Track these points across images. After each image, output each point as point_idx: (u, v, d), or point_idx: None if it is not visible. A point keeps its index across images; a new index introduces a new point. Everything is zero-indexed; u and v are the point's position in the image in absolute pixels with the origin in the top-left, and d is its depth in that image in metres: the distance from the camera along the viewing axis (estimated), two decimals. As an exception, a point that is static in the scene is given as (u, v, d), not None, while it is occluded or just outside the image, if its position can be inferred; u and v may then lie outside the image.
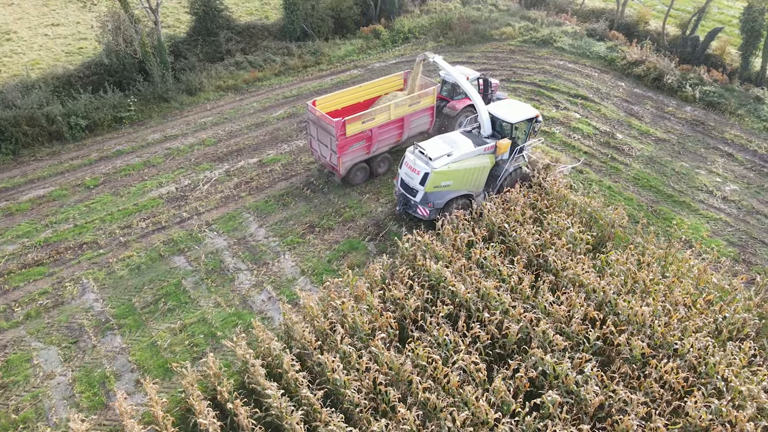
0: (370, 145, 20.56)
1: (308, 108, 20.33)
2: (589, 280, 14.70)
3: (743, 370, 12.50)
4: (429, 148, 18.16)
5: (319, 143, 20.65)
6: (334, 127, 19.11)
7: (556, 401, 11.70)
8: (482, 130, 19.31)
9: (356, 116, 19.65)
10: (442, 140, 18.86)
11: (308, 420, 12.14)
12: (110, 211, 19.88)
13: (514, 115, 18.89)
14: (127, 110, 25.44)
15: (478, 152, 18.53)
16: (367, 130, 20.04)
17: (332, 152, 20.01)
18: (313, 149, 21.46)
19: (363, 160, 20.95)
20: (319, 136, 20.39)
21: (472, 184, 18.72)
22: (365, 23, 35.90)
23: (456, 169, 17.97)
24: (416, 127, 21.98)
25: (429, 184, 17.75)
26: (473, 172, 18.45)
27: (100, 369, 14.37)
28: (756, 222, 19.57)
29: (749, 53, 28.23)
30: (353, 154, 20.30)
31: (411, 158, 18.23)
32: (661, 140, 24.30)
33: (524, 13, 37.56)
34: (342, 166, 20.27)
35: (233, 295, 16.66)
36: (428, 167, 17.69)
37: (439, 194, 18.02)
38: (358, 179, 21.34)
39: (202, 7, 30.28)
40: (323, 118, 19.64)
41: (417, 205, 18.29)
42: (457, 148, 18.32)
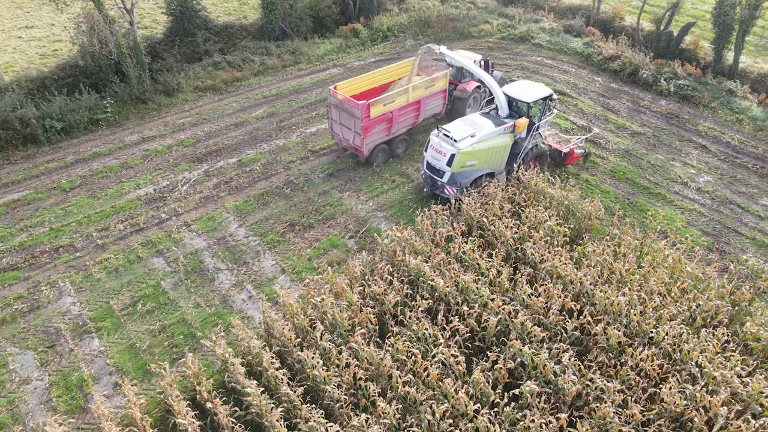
0: (390, 127, 21.71)
1: (330, 93, 21.33)
2: (566, 271, 14.87)
3: (717, 356, 12.73)
4: (453, 131, 19.05)
5: (341, 126, 21.64)
6: (359, 110, 20.13)
7: (534, 391, 11.82)
8: (500, 111, 20.12)
9: (379, 99, 20.90)
10: (463, 123, 19.71)
11: (288, 417, 12.13)
12: (87, 214, 19.65)
13: (530, 94, 19.67)
14: (104, 112, 25.14)
15: (499, 132, 19.38)
16: (388, 112, 21.16)
17: (356, 134, 21.11)
18: (335, 132, 22.42)
19: (384, 142, 22.06)
20: (342, 119, 21.39)
21: (495, 163, 19.65)
22: (344, 22, 35.90)
23: (480, 149, 18.83)
24: (431, 109, 23.19)
25: (456, 165, 18.63)
26: (496, 150, 19.32)
27: (77, 372, 14.20)
28: (729, 212, 19.94)
29: (721, 47, 28.74)
30: (376, 135, 21.40)
31: (436, 141, 19.07)
32: (637, 133, 24.65)
33: (502, 10, 37.84)
34: (365, 147, 21.34)
35: (213, 295, 16.58)
36: (454, 148, 18.54)
37: (466, 174, 18.94)
38: (380, 159, 22.43)
39: (179, 8, 30.02)
40: (347, 101, 20.67)
41: (444, 186, 19.14)
42: (480, 129, 19.19)
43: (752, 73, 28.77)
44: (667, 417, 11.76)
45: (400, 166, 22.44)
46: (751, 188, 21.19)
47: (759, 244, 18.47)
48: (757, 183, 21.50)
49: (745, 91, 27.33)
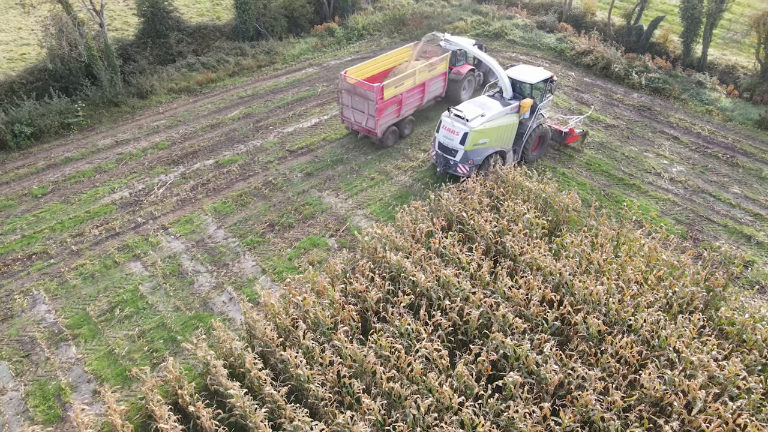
0: (400, 109, 22.96)
1: (342, 78, 22.38)
2: (545, 263, 15.01)
3: (693, 341, 12.96)
4: (465, 110, 20.06)
5: (353, 110, 22.62)
6: (374, 92, 21.23)
7: (517, 382, 11.92)
8: (504, 93, 21.13)
9: (391, 81, 21.95)
10: (472, 104, 20.80)
11: (273, 417, 12.03)
12: (60, 220, 19.24)
13: (532, 76, 20.96)
14: (75, 116, 24.65)
15: (506, 112, 20.45)
16: (398, 94, 22.39)
17: (369, 116, 22.15)
18: (345, 117, 23.30)
19: (393, 123, 23.21)
20: (354, 103, 22.38)
21: (504, 141, 20.78)
22: (319, 21, 35.78)
23: (490, 127, 19.89)
24: (433, 91, 24.69)
25: (469, 143, 19.59)
26: (505, 129, 20.46)
27: (54, 381, 13.90)
28: (701, 201, 20.38)
29: (690, 40, 29.37)
30: (388, 117, 22.58)
31: (448, 122, 20.00)
32: (611, 126, 25.04)
33: (476, 7, 38.11)
34: (379, 128, 22.40)
35: (193, 298, 16.37)
36: (467, 127, 19.52)
37: (478, 151, 19.92)
38: (390, 141, 23.55)
39: (150, 9, 29.58)
40: (361, 84, 21.83)
41: (457, 164, 20.07)
42: (489, 109, 20.27)
43: (720, 65, 29.45)
44: (648, 402, 11.95)
45: (378, 163, 22.44)
46: (721, 177, 21.67)
47: (731, 231, 18.90)
48: (728, 172, 22.00)
49: (714, 83, 27.97)
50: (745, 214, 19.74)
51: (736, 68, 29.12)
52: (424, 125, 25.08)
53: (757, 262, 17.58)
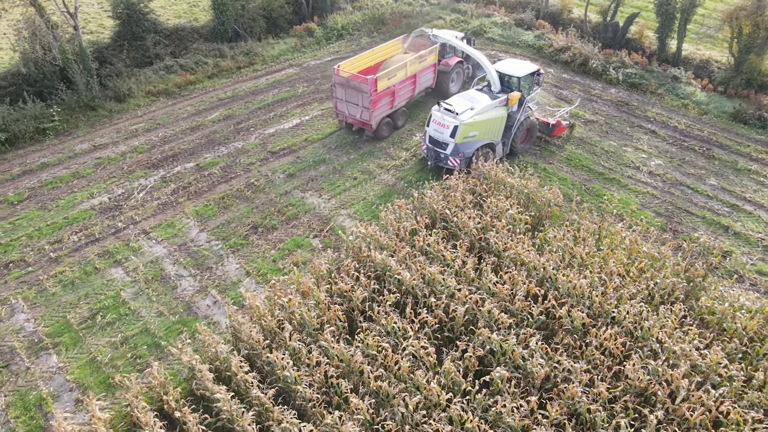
0: (393, 100, 23.37)
1: (335, 72, 22.64)
2: (529, 258, 15.12)
3: (675, 332, 13.15)
4: (454, 104, 20.34)
5: (347, 103, 22.93)
6: (368, 85, 21.55)
7: (504, 377, 11.99)
8: (492, 87, 21.55)
9: (384, 73, 22.33)
10: (462, 98, 21.15)
11: (261, 420, 11.94)
12: (38, 227, 18.87)
13: (520, 70, 21.33)
14: (51, 121, 24.21)
15: (495, 105, 20.77)
16: (391, 85, 22.78)
17: (364, 109, 22.46)
18: (339, 111, 23.59)
19: (387, 115, 23.61)
20: (348, 96, 22.68)
21: (493, 134, 21.06)
22: (298, 22, 35.62)
23: (480, 120, 20.19)
24: (424, 82, 25.07)
25: (459, 136, 19.88)
26: (494, 122, 20.75)
27: (35, 391, 13.62)
28: (680, 193, 20.71)
29: (665, 35, 29.84)
30: (381, 108, 22.90)
31: (438, 115, 20.30)
32: (590, 122, 25.33)
33: (455, 6, 38.28)
34: (374, 120, 22.73)
35: (176, 302, 16.17)
36: (457, 120, 19.81)
37: (468, 144, 20.18)
38: (385, 132, 23.84)
39: (126, 11, 29.18)
40: (355, 77, 22.12)
41: (448, 157, 20.37)
42: (478, 103, 20.59)
43: (695, 60, 29.98)
44: (632, 392, 12.10)
45: (361, 163, 22.40)
46: (699, 170, 22.05)
47: (709, 222, 19.24)
48: (704, 164, 22.39)
49: (689, 77, 28.45)
50: (722, 205, 20.11)
51: (710, 62, 29.67)
52: (406, 123, 25.12)
53: (735, 252, 17.93)
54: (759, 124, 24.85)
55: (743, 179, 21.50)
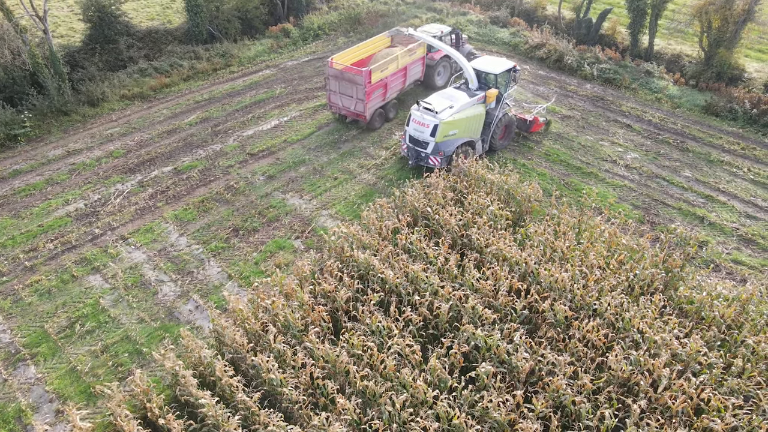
0: (385, 92, 24.06)
1: (329, 64, 23.26)
2: (511, 253, 15.23)
3: (656, 321, 13.35)
4: (433, 103, 20.33)
5: (341, 95, 23.59)
6: (362, 77, 22.25)
7: (489, 372, 12.05)
8: (470, 84, 21.57)
9: (377, 66, 22.95)
10: (440, 96, 21.10)
11: (247, 425, 11.83)
12: (11, 235, 18.42)
13: (497, 67, 21.42)
14: (22, 126, 23.64)
15: (473, 102, 20.85)
16: (384, 78, 23.45)
17: (358, 100, 23.12)
18: (333, 103, 24.29)
19: (380, 106, 24.26)
20: (341, 88, 23.35)
21: (472, 132, 21.09)
22: (274, 23, 35.38)
23: (459, 118, 20.22)
24: (413, 74, 25.82)
25: (439, 134, 19.93)
26: (473, 120, 20.78)
27: (13, 404, 13.29)
28: (656, 185, 21.08)
29: (637, 31, 30.35)
30: (375, 100, 23.58)
31: (418, 115, 20.31)
32: (567, 117, 25.63)
33: (430, 4, 38.42)
34: (368, 111, 23.37)
35: (157, 308, 15.93)
36: (437, 119, 19.83)
37: (448, 142, 20.26)
38: (378, 123, 24.51)
39: (97, 14, 28.61)
40: (349, 70, 22.74)
41: (429, 156, 20.41)
42: (456, 101, 20.59)
43: (666, 55, 30.55)
44: (616, 383, 12.26)
45: (341, 163, 22.34)
46: (673, 162, 22.47)
47: (685, 214, 19.61)
48: (679, 157, 22.82)
49: (662, 72, 28.98)
50: (697, 196, 20.52)
51: (682, 57, 30.26)
52: (386, 123, 25.13)
53: (711, 241, 18.31)
54: (730, 117, 25.41)
55: (716, 170, 21.97)
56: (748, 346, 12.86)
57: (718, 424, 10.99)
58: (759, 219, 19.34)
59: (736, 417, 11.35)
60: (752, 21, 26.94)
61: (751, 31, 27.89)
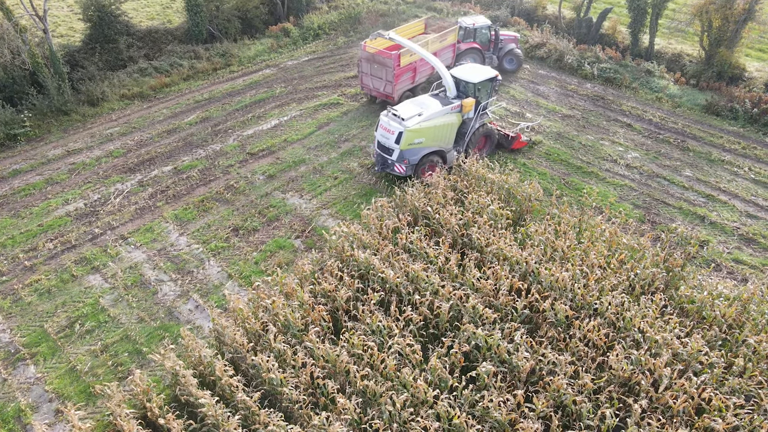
0: (414, 76, 25.11)
1: (362, 48, 24.52)
2: (511, 253, 15.21)
3: (656, 321, 13.34)
4: (401, 110, 19.93)
5: (372, 77, 24.90)
6: (392, 60, 23.37)
7: (490, 372, 12.03)
8: (448, 92, 20.89)
9: (406, 50, 23.47)
10: (412, 103, 20.71)
11: (247, 424, 11.80)
12: (11, 235, 18.40)
13: (476, 75, 20.65)
14: (22, 126, 23.63)
15: (446, 111, 20.23)
16: (413, 62, 24.51)
17: (387, 82, 24.34)
18: (365, 84, 25.62)
19: (409, 89, 25.14)
20: (372, 71, 24.65)
21: (442, 141, 20.46)
22: (274, 22, 35.34)
23: (427, 126, 19.66)
24: (443, 60, 26.15)
25: (403, 142, 19.43)
26: (442, 129, 20.18)
27: (13, 403, 13.27)
28: (657, 185, 21.04)
29: (638, 30, 30.29)
30: (404, 83, 24.65)
31: (386, 120, 19.86)
32: (567, 116, 25.59)
33: (430, 4, 38.36)
34: (396, 93, 24.44)
35: (157, 308, 15.90)
36: (402, 126, 19.36)
37: (414, 151, 19.71)
38: None
39: (97, 13, 28.57)
40: (380, 53, 23.96)
41: (394, 164, 19.91)
42: (427, 108, 20.08)
43: (667, 54, 30.50)
44: (617, 383, 12.25)
45: (341, 162, 22.31)
46: (674, 161, 22.43)
47: (685, 213, 19.58)
48: (680, 156, 22.78)
49: (662, 71, 28.94)
50: (698, 195, 20.48)
51: (682, 56, 30.22)
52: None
53: (712, 241, 18.28)
54: (730, 116, 25.37)
55: (717, 170, 21.93)
56: (749, 346, 12.84)
57: (719, 424, 10.97)
58: (760, 218, 19.30)
59: (737, 417, 11.33)
60: (753, 20, 26.89)
61: (751, 30, 27.84)
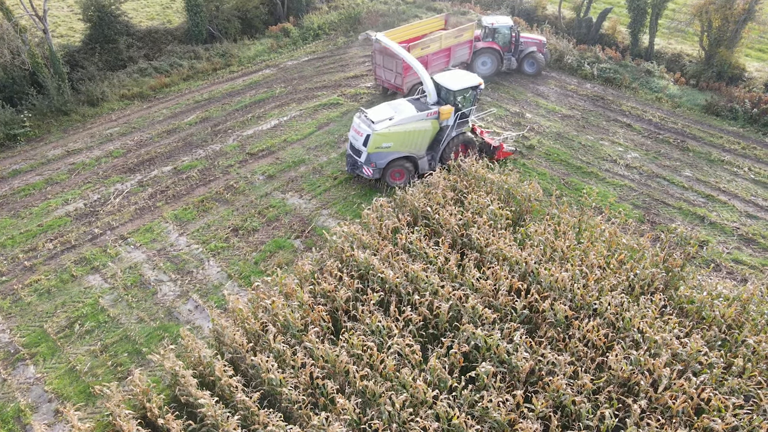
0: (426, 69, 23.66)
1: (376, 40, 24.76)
2: (511, 253, 15.20)
3: (656, 321, 13.32)
4: (373, 113, 19.74)
5: (384, 69, 25.51)
6: None
7: (489, 372, 12.02)
8: (428, 98, 20.50)
9: (416, 43, 24.79)
10: (388, 106, 20.46)
11: (246, 425, 11.80)
12: (11, 235, 18.41)
13: (457, 82, 20.03)
14: (22, 126, 23.65)
15: (420, 117, 19.79)
16: (424, 55, 24.91)
17: (397, 74, 24.83)
18: (378, 75, 26.19)
19: (419, 82, 23.51)
20: (385, 62, 25.27)
21: (413, 147, 20.06)
22: (273, 22, 35.37)
23: (396, 131, 19.40)
24: (459, 56, 27.11)
25: (371, 145, 19.29)
26: (413, 135, 19.82)
27: (13, 403, 13.27)
28: (656, 185, 21.04)
29: (637, 30, 30.30)
30: (413, 75, 24.17)
31: (357, 122, 19.77)
32: (567, 116, 25.60)
33: (430, 4, 38.38)
34: (405, 85, 24.77)
35: (157, 308, 15.90)
36: (370, 129, 19.21)
37: (381, 155, 19.54)
38: None
39: (97, 14, 28.61)
40: None
41: (362, 166, 19.78)
42: (399, 113, 19.79)
43: (667, 54, 30.51)
44: (616, 383, 12.24)
45: (341, 162, 22.30)
46: (674, 161, 22.43)
47: (685, 213, 19.58)
48: (679, 156, 22.78)
49: (662, 71, 28.94)
50: (698, 196, 20.48)
51: (682, 56, 30.23)
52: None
53: (711, 241, 18.27)
54: (730, 116, 25.37)
55: (717, 170, 21.93)
56: (749, 346, 12.83)
57: (718, 424, 10.96)
58: (759, 218, 19.30)
59: (736, 417, 11.32)
60: (752, 20, 26.89)
61: (751, 30, 27.84)
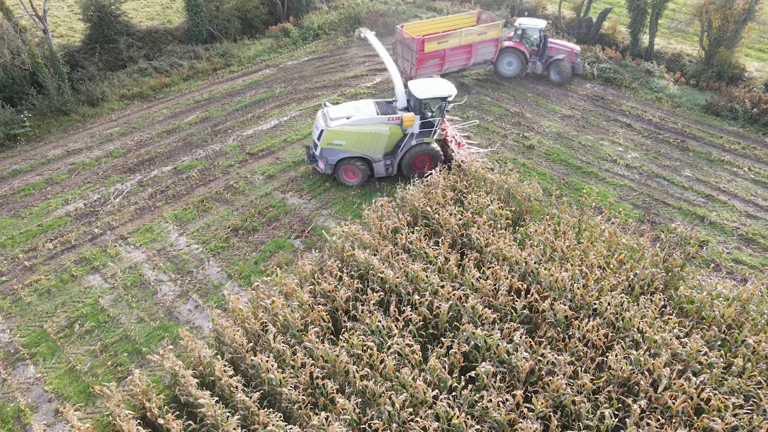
0: (442, 63, 25.71)
1: (397, 31, 25.94)
2: (511, 253, 15.19)
3: (656, 321, 13.32)
4: (333, 110, 20.12)
5: (402, 59, 26.26)
6: (416, 44, 24.45)
7: (489, 372, 12.02)
8: (397, 102, 20.26)
9: (432, 36, 24.95)
10: (352, 105, 20.71)
11: (246, 425, 11.80)
12: (11, 235, 18.41)
13: (424, 91, 19.50)
14: (22, 126, 23.65)
15: (379, 120, 19.67)
16: (441, 49, 25.14)
17: (412, 65, 25.43)
18: (397, 65, 25.30)
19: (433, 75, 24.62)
20: (403, 53, 26.08)
21: (368, 149, 20.00)
22: (273, 22, 35.38)
23: (349, 131, 19.52)
24: (482, 54, 27.07)
25: (323, 141, 19.65)
26: (368, 137, 19.71)
27: (12, 403, 13.27)
28: (656, 185, 21.04)
29: (637, 30, 30.32)
30: (428, 68, 25.16)
31: (318, 115, 20.16)
32: (567, 116, 25.60)
33: (430, 4, 38.40)
34: (418, 76, 24.51)
35: (157, 308, 15.91)
36: (324, 125, 19.53)
37: (332, 151, 19.83)
38: None
39: (97, 13, 28.62)
40: (409, 38, 25.10)
41: (317, 159, 20.22)
42: (359, 113, 19.92)
43: (666, 54, 30.52)
44: (616, 383, 12.24)
45: (341, 162, 22.29)
46: (674, 161, 22.43)
47: (685, 213, 19.58)
48: (679, 156, 22.78)
49: (662, 71, 28.95)
50: (698, 196, 20.48)
51: (682, 56, 30.24)
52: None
53: (711, 241, 18.28)
54: (730, 116, 25.38)
55: (717, 170, 21.93)
56: (749, 346, 12.83)
57: (718, 424, 10.96)
58: (759, 218, 19.30)
59: (736, 417, 11.32)
60: (753, 20, 26.90)
61: (751, 30, 27.85)
